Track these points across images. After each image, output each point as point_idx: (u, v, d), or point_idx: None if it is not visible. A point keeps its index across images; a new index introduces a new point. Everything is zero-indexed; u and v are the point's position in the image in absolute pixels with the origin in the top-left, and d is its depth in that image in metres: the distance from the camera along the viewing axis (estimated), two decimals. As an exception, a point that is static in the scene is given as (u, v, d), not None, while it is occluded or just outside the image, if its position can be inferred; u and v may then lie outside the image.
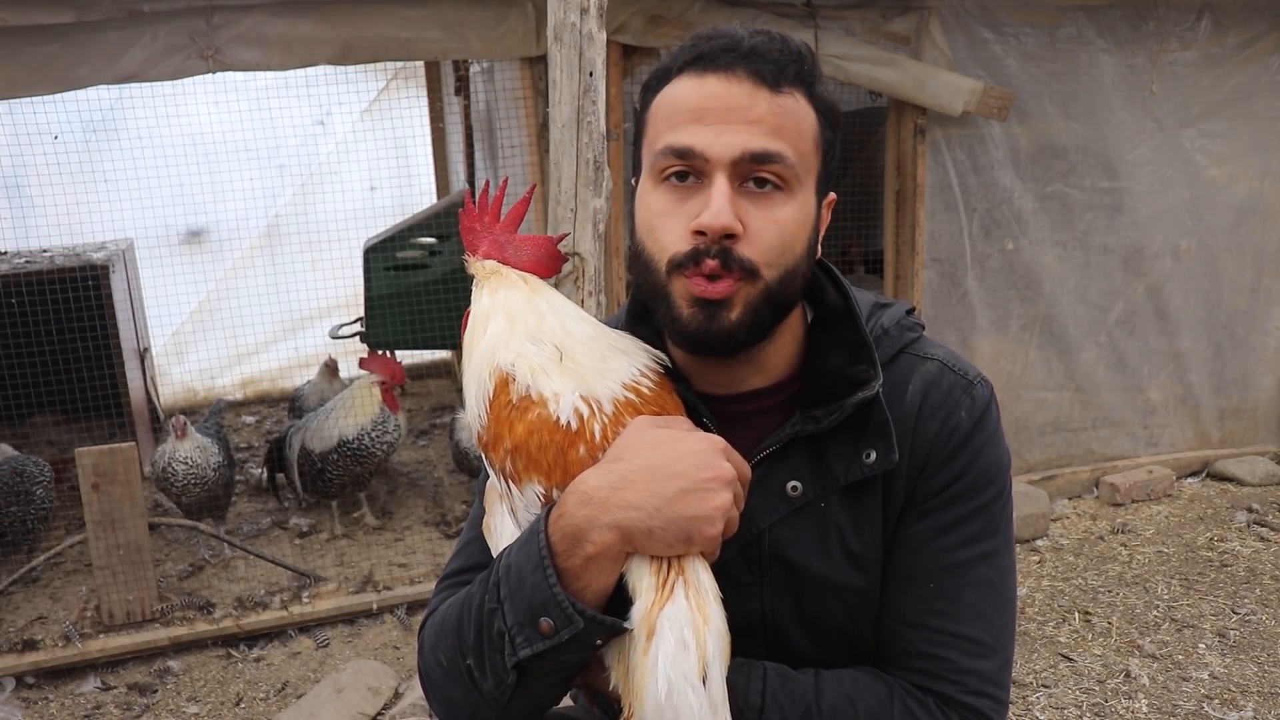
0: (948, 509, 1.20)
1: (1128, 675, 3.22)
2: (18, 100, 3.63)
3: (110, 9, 3.32)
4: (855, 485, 1.21)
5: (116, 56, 3.41)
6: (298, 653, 3.51)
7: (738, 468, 1.09)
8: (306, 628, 3.61)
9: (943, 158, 4.24)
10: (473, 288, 1.25)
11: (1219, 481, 4.72)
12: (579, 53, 2.84)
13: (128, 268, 4.98)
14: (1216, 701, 3.07)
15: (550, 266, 1.26)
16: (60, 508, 4.28)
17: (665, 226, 1.14)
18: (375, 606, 3.66)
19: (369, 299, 4.65)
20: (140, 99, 4.40)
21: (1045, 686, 3.18)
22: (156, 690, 3.30)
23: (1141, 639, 3.43)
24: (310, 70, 3.84)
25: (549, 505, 1.09)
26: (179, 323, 5.88)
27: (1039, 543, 4.18)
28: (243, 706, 3.21)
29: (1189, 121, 4.47)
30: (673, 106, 1.14)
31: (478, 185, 3.76)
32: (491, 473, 1.17)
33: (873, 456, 1.19)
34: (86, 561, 3.74)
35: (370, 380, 4.19)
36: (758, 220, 1.12)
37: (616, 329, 1.26)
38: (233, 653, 3.49)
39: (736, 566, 1.21)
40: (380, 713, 3.11)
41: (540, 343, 1.15)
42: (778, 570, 1.22)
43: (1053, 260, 4.46)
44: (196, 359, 5.74)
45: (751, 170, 1.11)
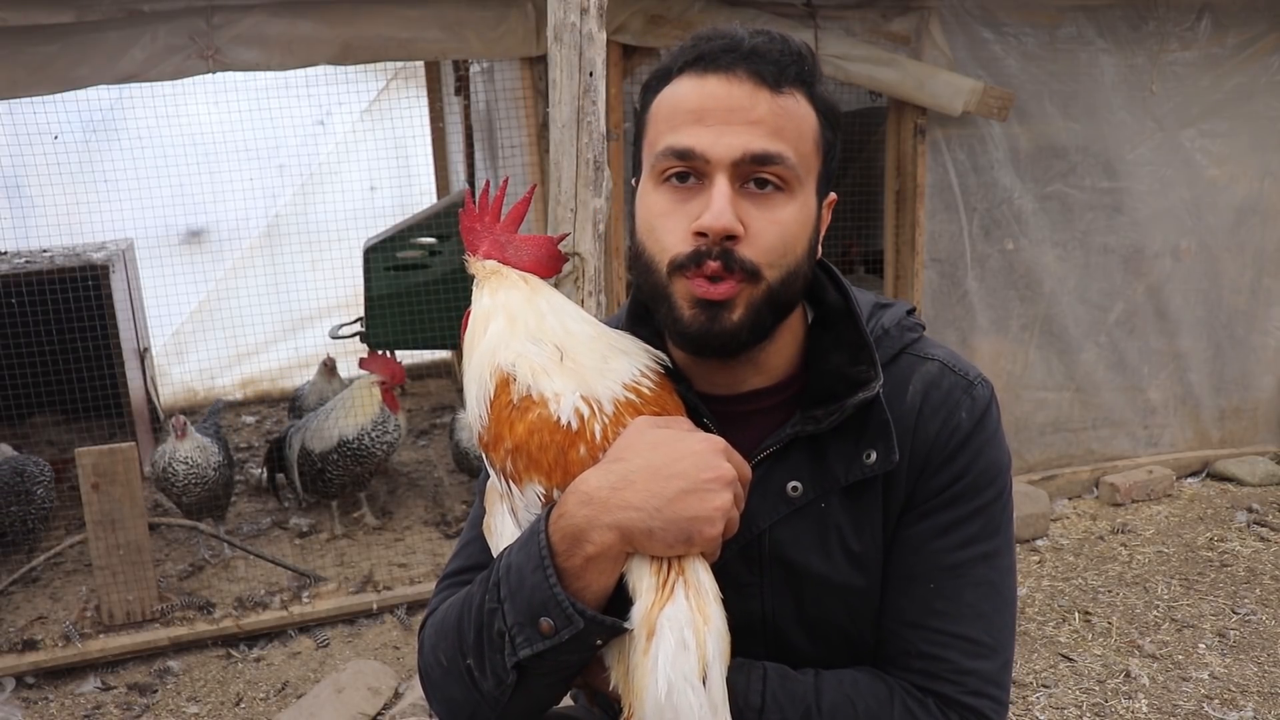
0: (948, 509, 1.20)
1: (1128, 675, 3.22)
2: (18, 100, 3.63)
3: (110, 9, 3.33)
4: (855, 485, 1.21)
5: (116, 56, 3.41)
6: (298, 653, 3.51)
7: (738, 468, 1.09)
8: (306, 628, 3.61)
9: (943, 158, 4.24)
10: (473, 288, 1.25)
11: (1219, 481, 4.72)
12: (579, 53, 2.84)
13: (128, 268, 4.98)
14: (1216, 701, 3.07)
15: (551, 266, 1.26)
16: (60, 508, 4.27)
17: (666, 227, 1.14)
18: (375, 606, 3.66)
19: (369, 299, 4.65)
20: (140, 99, 4.40)
21: (1045, 686, 3.18)
22: (156, 690, 3.30)
23: (1141, 639, 3.43)
24: (310, 70, 3.84)
25: (549, 505, 1.09)
26: (179, 323, 5.88)
27: (1039, 543, 4.18)
28: (243, 706, 3.21)
29: (1189, 121, 4.47)
30: (673, 107, 1.14)
31: (478, 185, 3.76)
32: (492, 473, 1.17)
33: (873, 457, 1.19)
34: (86, 561, 3.74)
35: (370, 380, 4.20)
36: (759, 221, 1.12)
37: (617, 329, 1.26)
38: (233, 653, 3.49)
39: (737, 567, 1.21)
40: (380, 713, 3.11)
41: (541, 343, 1.15)
42: (778, 570, 1.22)
43: (1053, 260, 4.46)
44: (196, 359, 5.74)
45: (752, 171, 1.11)
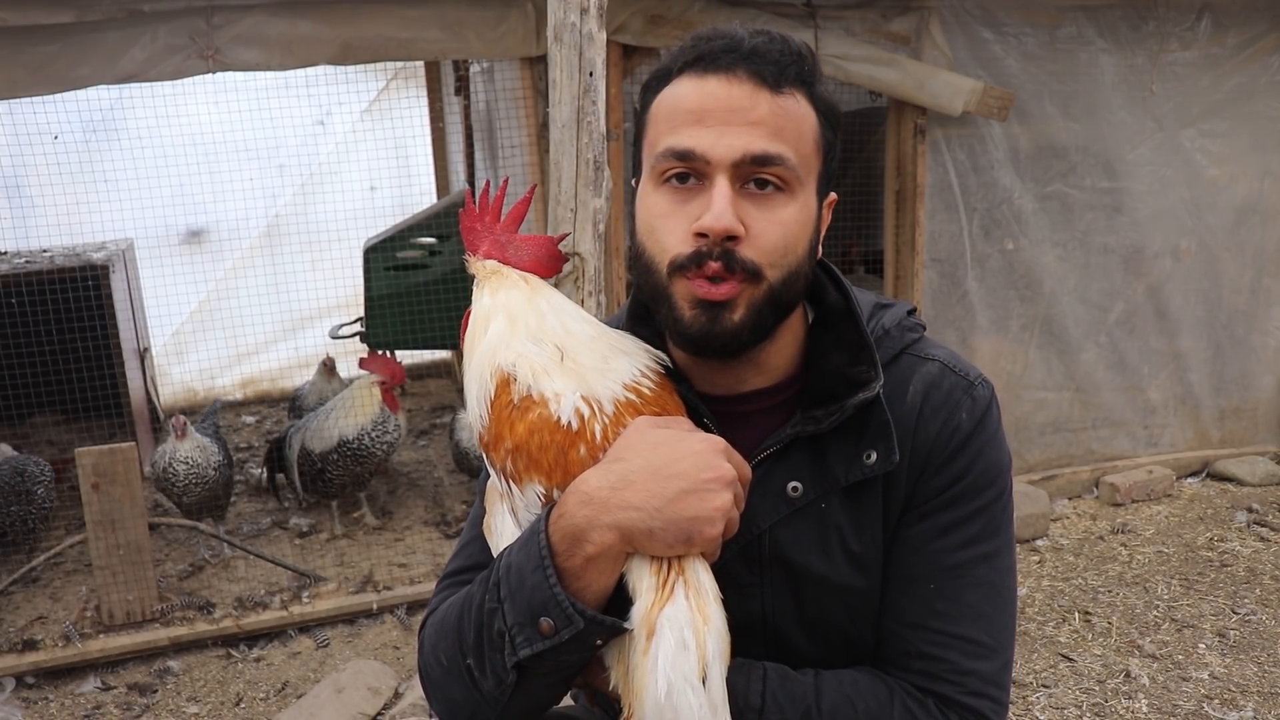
0: (948, 510, 1.20)
1: (1128, 675, 3.22)
2: (18, 100, 3.63)
3: (110, 9, 3.33)
4: (856, 486, 1.21)
5: (116, 56, 3.41)
6: (298, 653, 3.51)
7: (738, 468, 1.09)
8: (306, 628, 3.61)
9: (943, 158, 4.24)
10: (473, 288, 1.25)
11: (1219, 481, 4.72)
12: (579, 53, 2.84)
13: (128, 268, 4.98)
14: (1216, 701, 3.07)
15: (551, 266, 1.26)
16: (60, 508, 4.27)
17: (666, 228, 1.14)
18: (375, 606, 3.66)
19: (369, 299, 4.65)
20: (140, 99, 4.40)
21: (1045, 686, 3.18)
22: (156, 690, 3.30)
23: (1141, 639, 3.43)
24: (310, 70, 3.84)
25: (549, 505, 1.09)
26: (179, 323, 5.88)
27: (1039, 543, 4.18)
28: (243, 706, 3.21)
29: (1189, 121, 4.47)
30: (673, 108, 1.14)
31: (478, 185, 3.76)
32: (492, 472, 1.17)
33: (873, 457, 1.19)
34: (86, 561, 3.74)
35: (370, 380, 4.20)
36: (759, 221, 1.12)
37: (617, 329, 1.26)
38: (233, 653, 3.49)
39: (737, 567, 1.21)
40: (380, 713, 3.11)
41: (541, 343, 1.15)
42: (778, 571, 1.22)
43: (1053, 260, 4.46)
44: (196, 359, 5.73)
45: (752, 172, 1.11)
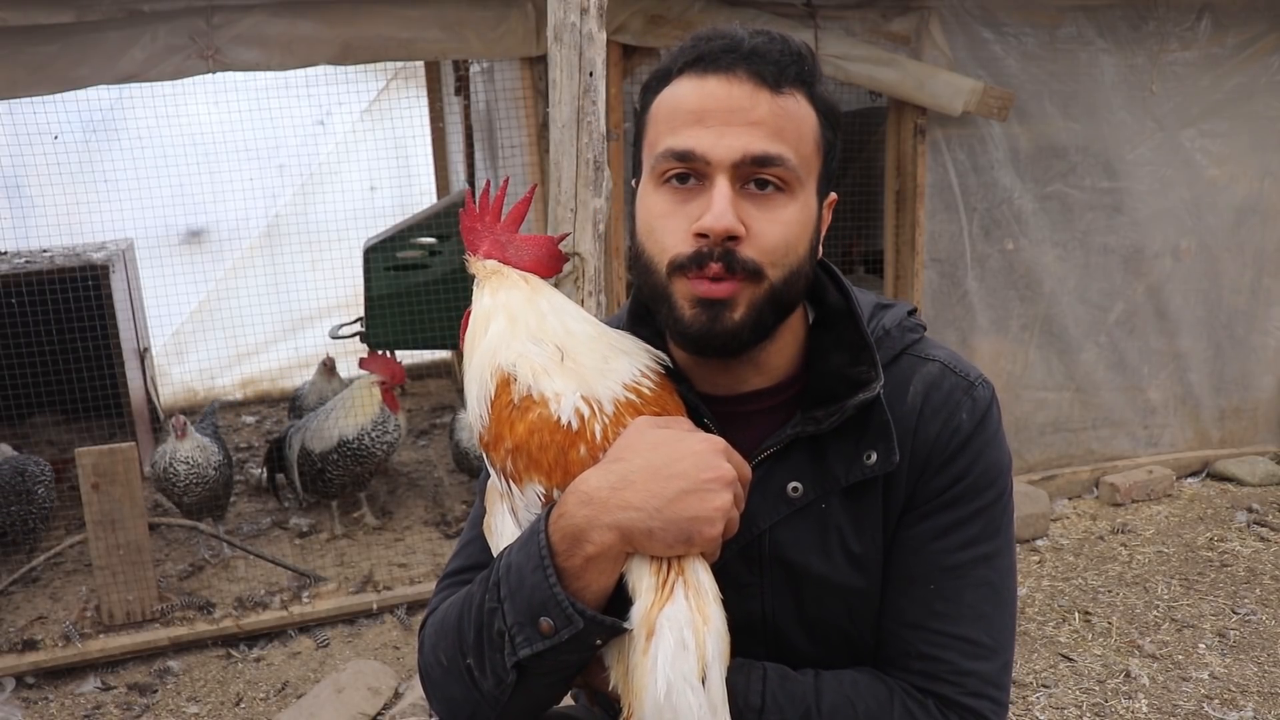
0: (948, 510, 1.20)
1: (1128, 675, 3.22)
2: (18, 100, 3.63)
3: (110, 9, 3.32)
4: (856, 486, 1.20)
5: (116, 56, 3.41)
6: (298, 653, 3.51)
7: (738, 468, 1.09)
8: (306, 628, 3.61)
9: (943, 158, 4.24)
10: (473, 288, 1.25)
11: (1219, 481, 4.72)
12: (579, 53, 2.84)
13: (128, 268, 4.98)
14: (1216, 701, 3.07)
15: (551, 266, 1.26)
16: (60, 508, 4.27)
17: (665, 228, 1.14)
18: (375, 606, 3.66)
19: (369, 299, 4.65)
20: (140, 99, 4.40)
21: (1045, 686, 3.18)
22: (156, 690, 3.30)
23: (1141, 639, 3.43)
24: (310, 70, 3.83)
25: (549, 505, 1.09)
26: (179, 323, 5.88)
27: (1039, 543, 4.18)
28: (243, 706, 3.21)
29: (1189, 121, 4.47)
30: (673, 108, 1.14)
31: (478, 185, 3.76)
32: (492, 472, 1.17)
33: (873, 458, 1.19)
34: (86, 561, 3.74)
35: (370, 380, 4.19)
36: (760, 221, 1.12)
37: (618, 329, 1.26)
38: (233, 653, 3.49)
39: (737, 567, 1.21)
40: (380, 713, 3.11)
41: (542, 343, 1.15)
42: (778, 571, 1.22)
43: (1053, 260, 4.46)
44: (196, 359, 5.74)
45: (753, 172, 1.11)
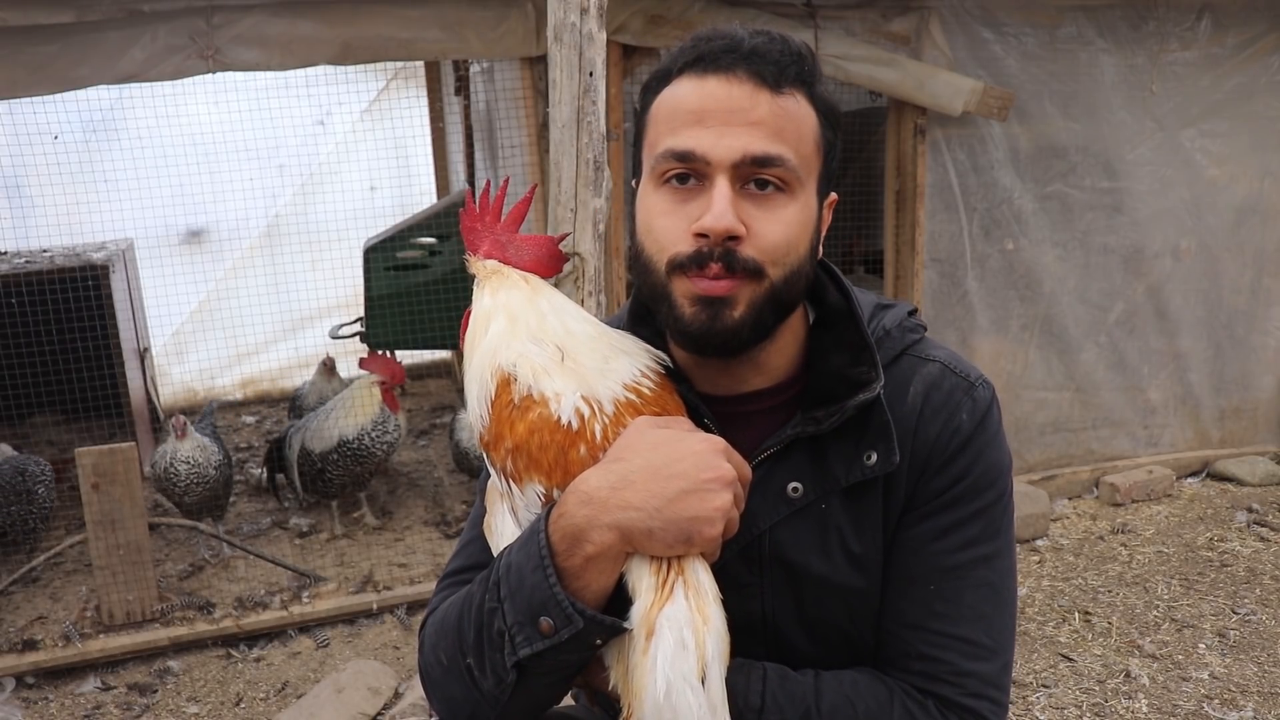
0: (948, 511, 1.20)
1: (1128, 675, 3.22)
2: (18, 100, 3.63)
3: (110, 9, 3.32)
4: (856, 487, 1.20)
5: (116, 56, 3.41)
6: (298, 653, 3.51)
7: (738, 468, 1.09)
8: (306, 628, 3.61)
9: (943, 158, 4.24)
10: (474, 288, 1.25)
11: (1219, 481, 4.72)
12: (579, 53, 2.84)
13: (128, 268, 4.98)
14: (1216, 701, 3.07)
15: (551, 266, 1.26)
16: (60, 508, 4.27)
17: (665, 227, 1.14)
18: (375, 606, 3.66)
19: (369, 299, 4.65)
20: (140, 99, 4.40)
21: (1045, 686, 3.18)
22: (156, 690, 3.30)
23: (1141, 639, 3.43)
24: (310, 70, 3.83)
25: (549, 505, 1.09)
26: (179, 323, 5.88)
27: (1039, 543, 4.18)
28: (243, 706, 3.21)
29: (1189, 121, 4.47)
30: (673, 108, 1.14)
31: (478, 185, 3.75)
32: (493, 472, 1.17)
33: (873, 458, 1.19)
34: (86, 561, 3.74)
35: (370, 380, 4.19)
36: (760, 221, 1.12)
37: (618, 329, 1.26)
38: (233, 653, 3.49)
39: (737, 567, 1.21)
40: (380, 713, 3.11)
41: (542, 343, 1.15)
42: (778, 571, 1.22)
43: (1053, 260, 4.46)
44: (196, 359, 5.74)
45: (753, 173, 1.11)
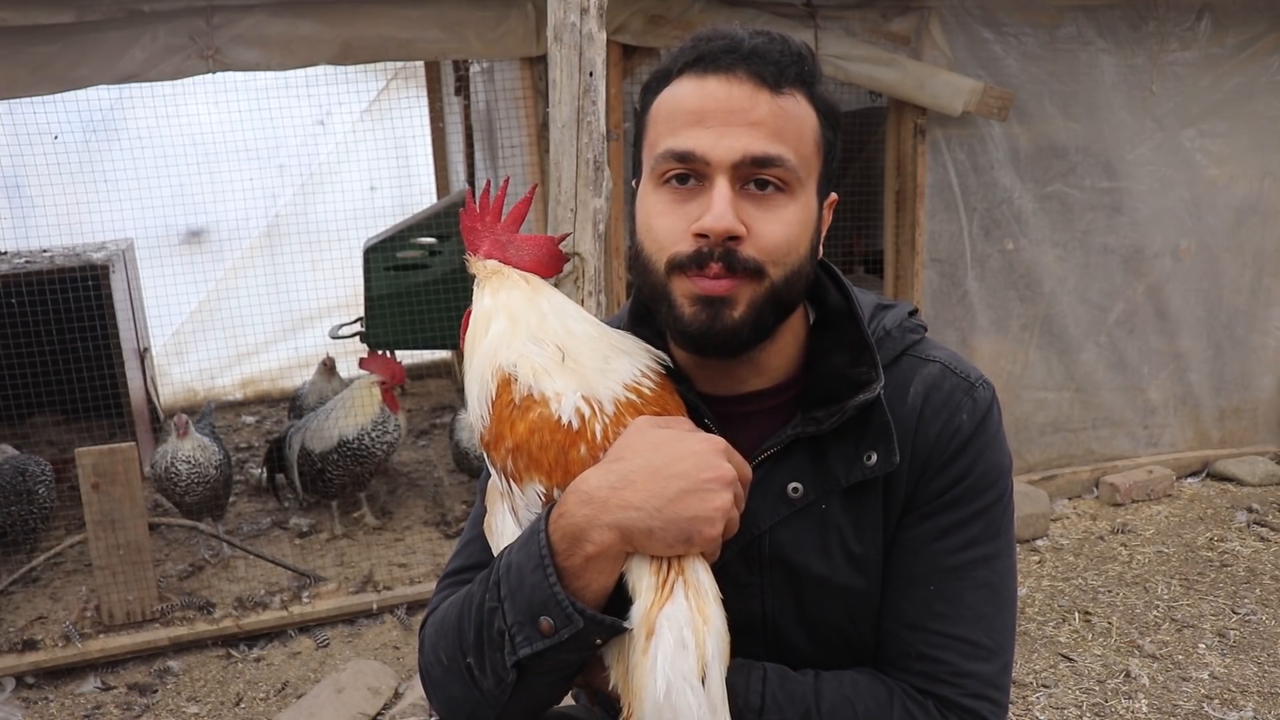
0: (948, 511, 1.20)
1: (1128, 675, 3.22)
2: (18, 100, 3.63)
3: (110, 9, 3.32)
4: (856, 487, 1.20)
5: (116, 56, 3.41)
6: (298, 653, 3.51)
7: (738, 468, 1.09)
8: (306, 628, 3.61)
9: (943, 158, 4.24)
10: (474, 288, 1.25)
11: (1219, 481, 4.72)
12: (579, 53, 2.84)
13: (128, 268, 4.98)
14: (1216, 701, 3.07)
15: (552, 266, 1.26)
16: (60, 508, 4.27)
17: (664, 227, 1.14)
18: (375, 606, 3.66)
19: (369, 299, 4.65)
20: (140, 99, 4.40)
21: (1045, 686, 3.18)
22: (156, 690, 3.30)
23: (1141, 639, 3.43)
24: (310, 70, 3.83)
25: (550, 505, 1.09)
26: (179, 323, 5.88)
27: (1039, 543, 4.18)
28: (243, 706, 3.21)
29: (1189, 121, 4.47)
30: (673, 109, 1.14)
31: (478, 185, 3.75)
32: (493, 472, 1.17)
33: (873, 458, 1.19)
34: (86, 561, 3.74)
35: (370, 380, 4.19)
36: (760, 221, 1.12)
37: (618, 329, 1.26)
38: (233, 653, 3.49)
39: (737, 567, 1.21)
40: (380, 713, 3.11)
41: (542, 343, 1.15)
42: (778, 571, 1.22)
43: (1053, 260, 4.46)
44: (196, 359, 5.74)
45: (753, 173, 1.11)
